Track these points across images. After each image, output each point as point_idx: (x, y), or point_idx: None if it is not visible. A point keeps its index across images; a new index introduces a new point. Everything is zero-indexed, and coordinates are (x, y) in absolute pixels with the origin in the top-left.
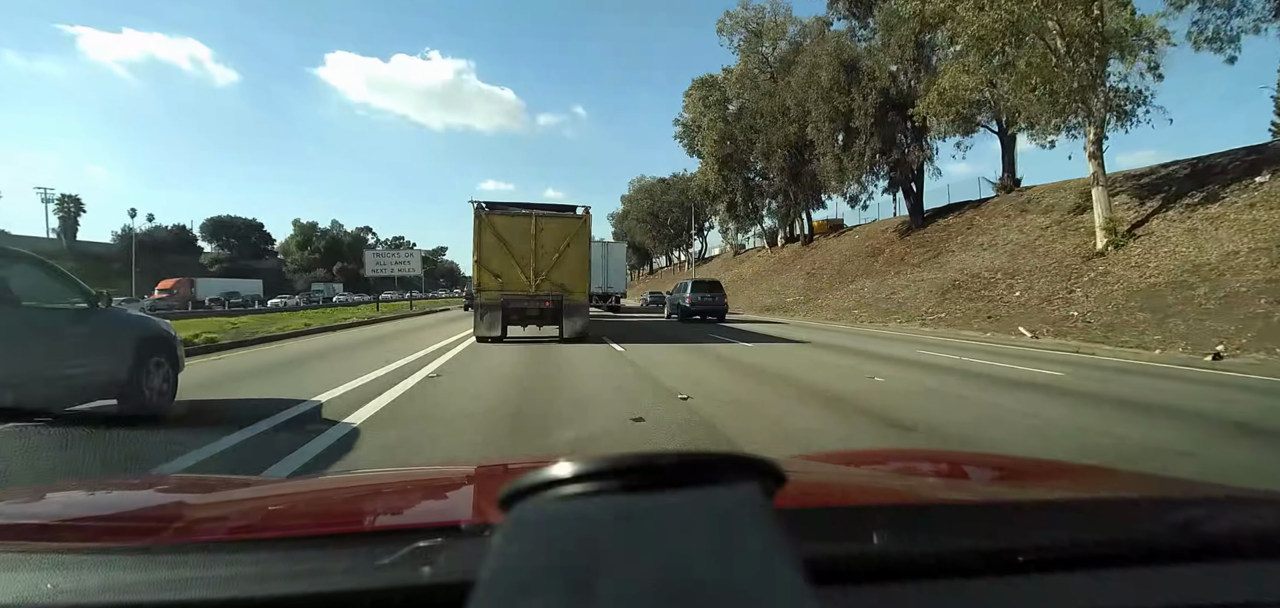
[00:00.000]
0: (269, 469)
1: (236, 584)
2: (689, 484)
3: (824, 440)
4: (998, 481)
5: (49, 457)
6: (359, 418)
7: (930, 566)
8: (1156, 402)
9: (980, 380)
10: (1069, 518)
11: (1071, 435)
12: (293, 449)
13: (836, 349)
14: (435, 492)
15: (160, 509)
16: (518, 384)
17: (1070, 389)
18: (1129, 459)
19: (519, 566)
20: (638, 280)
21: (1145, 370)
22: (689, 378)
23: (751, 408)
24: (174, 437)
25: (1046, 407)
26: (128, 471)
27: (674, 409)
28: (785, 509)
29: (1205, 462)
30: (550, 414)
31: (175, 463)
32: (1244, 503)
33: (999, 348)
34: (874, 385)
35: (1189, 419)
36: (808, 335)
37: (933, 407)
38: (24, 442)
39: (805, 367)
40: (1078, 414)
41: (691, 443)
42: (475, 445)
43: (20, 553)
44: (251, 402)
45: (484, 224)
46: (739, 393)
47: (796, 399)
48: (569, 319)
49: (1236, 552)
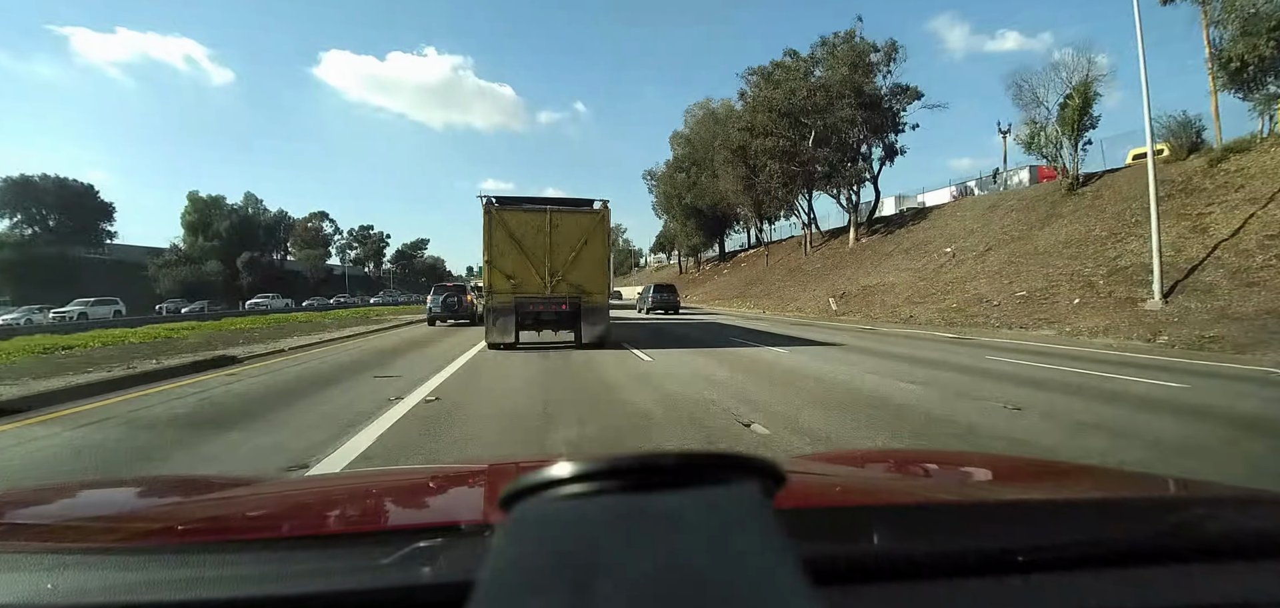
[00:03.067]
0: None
1: (237, 585)
2: (689, 484)
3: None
4: (998, 481)
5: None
6: None
7: (930, 566)
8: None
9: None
10: (1069, 518)
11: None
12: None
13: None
14: (435, 492)
15: (160, 509)
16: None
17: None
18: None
19: (519, 566)
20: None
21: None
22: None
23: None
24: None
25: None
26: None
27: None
28: (785, 509)
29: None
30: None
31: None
32: (1243, 503)
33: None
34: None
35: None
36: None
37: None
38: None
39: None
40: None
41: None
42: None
43: (21, 553)
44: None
45: (494, 221)
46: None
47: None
48: (588, 323)
49: (1236, 552)
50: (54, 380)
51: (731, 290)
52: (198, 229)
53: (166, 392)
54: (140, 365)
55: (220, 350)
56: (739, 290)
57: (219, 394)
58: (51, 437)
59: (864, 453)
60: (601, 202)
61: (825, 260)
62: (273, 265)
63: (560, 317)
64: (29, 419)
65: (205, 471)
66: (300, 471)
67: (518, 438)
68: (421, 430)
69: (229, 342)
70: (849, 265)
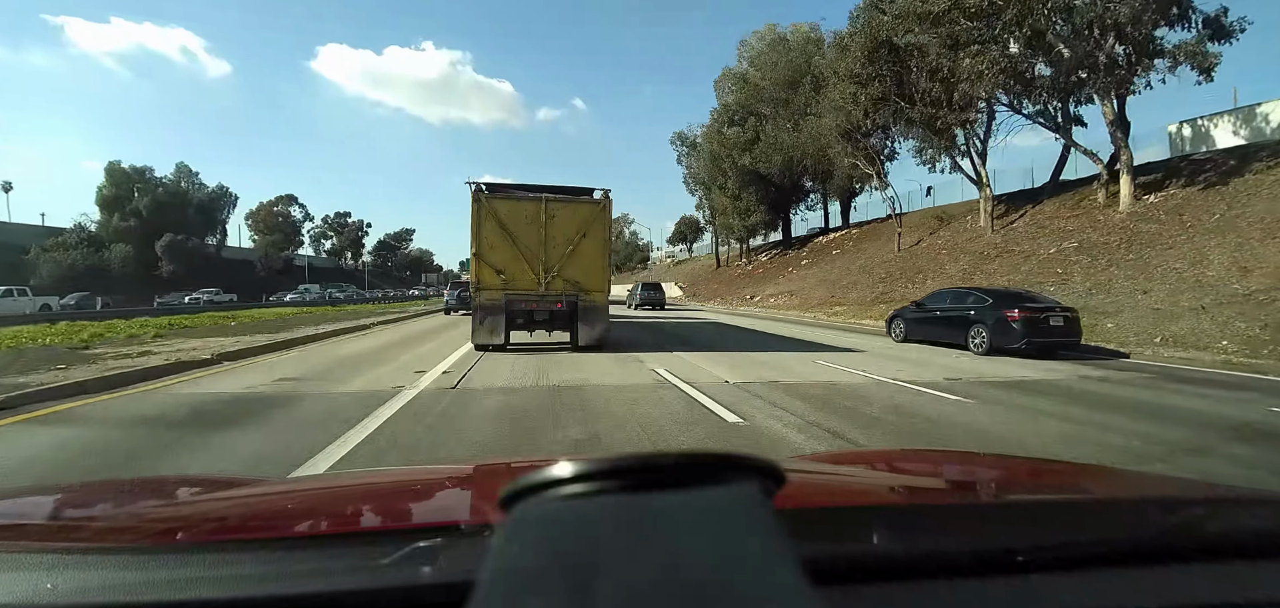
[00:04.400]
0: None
1: (237, 585)
2: (689, 485)
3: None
4: (997, 481)
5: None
6: None
7: (930, 566)
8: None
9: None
10: (1068, 518)
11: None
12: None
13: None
14: (435, 492)
15: (160, 509)
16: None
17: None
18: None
19: (519, 566)
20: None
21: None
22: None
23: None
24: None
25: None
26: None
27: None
28: (785, 509)
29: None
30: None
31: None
32: (1244, 503)
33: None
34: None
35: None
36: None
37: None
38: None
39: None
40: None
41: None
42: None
43: (21, 553)
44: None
45: (484, 210)
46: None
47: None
48: (585, 324)
49: (1236, 552)
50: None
51: (821, 288)
52: (113, 206)
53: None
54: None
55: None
56: (838, 289)
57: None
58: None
59: (864, 453)
60: (602, 191)
61: (1038, 238)
62: (206, 251)
63: (555, 316)
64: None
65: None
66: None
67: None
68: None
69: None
70: (1133, 248)
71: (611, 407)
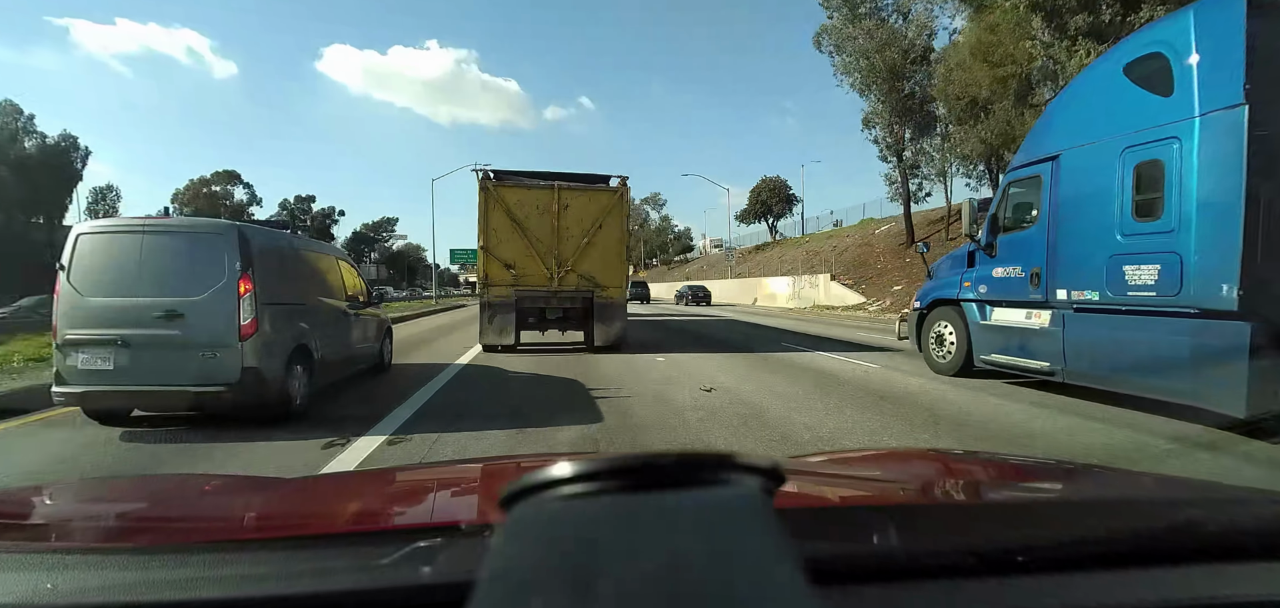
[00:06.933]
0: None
1: (237, 584)
2: (690, 484)
3: None
4: (997, 481)
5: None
6: None
7: (930, 566)
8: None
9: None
10: (1068, 518)
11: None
12: None
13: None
14: (435, 491)
15: (160, 509)
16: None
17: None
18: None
19: (519, 566)
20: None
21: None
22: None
23: None
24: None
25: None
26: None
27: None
28: (785, 509)
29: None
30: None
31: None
32: (1244, 503)
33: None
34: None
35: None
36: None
37: None
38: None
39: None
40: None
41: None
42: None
43: (21, 553)
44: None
45: (492, 199)
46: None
47: None
48: (601, 322)
49: (1236, 552)
50: None
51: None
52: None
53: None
54: None
55: None
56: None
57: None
58: None
59: (864, 453)
60: (619, 178)
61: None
62: (37, 231)
63: (568, 314)
64: None
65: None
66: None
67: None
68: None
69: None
70: None
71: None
